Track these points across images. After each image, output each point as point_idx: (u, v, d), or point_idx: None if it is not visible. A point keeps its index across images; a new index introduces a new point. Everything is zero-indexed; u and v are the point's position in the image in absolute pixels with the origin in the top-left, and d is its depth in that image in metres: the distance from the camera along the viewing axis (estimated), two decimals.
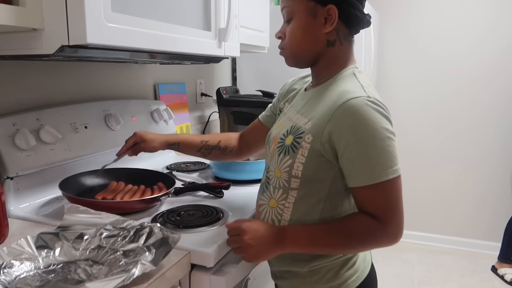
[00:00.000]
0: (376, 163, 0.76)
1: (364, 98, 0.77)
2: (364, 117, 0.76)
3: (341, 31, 0.86)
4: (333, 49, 0.87)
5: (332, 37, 0.86)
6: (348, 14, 0.84)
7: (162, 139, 1.12)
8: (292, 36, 0.88)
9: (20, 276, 0.69)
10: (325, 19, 0.84)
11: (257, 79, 2.28)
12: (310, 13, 0.85)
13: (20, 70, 1.10)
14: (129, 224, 0.80)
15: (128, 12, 0.88)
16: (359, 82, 0.83)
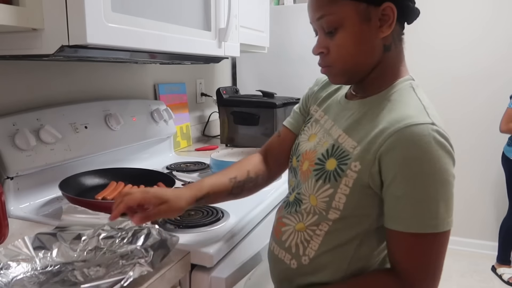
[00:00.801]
0: (426, 209, 0.64)
1: (429, 127, 0.64)
2: (424, 151, 0.63)
3: (395, 31, 0.72)
4: (388, 55, 0.73)
5: (388, 40, 0.72)
6: (404, 9, 0.70)
7: (188, 195, 0.77)
8: (343, 49, 0.71)
9: (17, 278, 0.69)
10: (379, 21, 0.69)
11: (257, 79, 2.28)
12: (363, 18, 0.69)
13: (20, 70, 1.10)
14: (127, 225, 0.80)
15: (128, 12, 0.88)
16: (420, 102, 0.69)
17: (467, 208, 2.88)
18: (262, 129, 1.71)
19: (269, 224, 1.08)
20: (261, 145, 1.02)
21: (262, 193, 1.16)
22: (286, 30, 2.15)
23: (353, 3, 0.68)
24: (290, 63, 2.19)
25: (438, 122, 0.66)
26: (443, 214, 0.64)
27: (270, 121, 1.69)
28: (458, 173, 2.36)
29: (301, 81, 2.20)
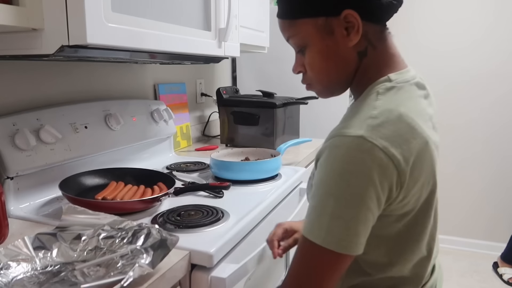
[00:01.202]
0: (314, 216, 0.62)
1: (350, 139, 0.60)
2: (331, 162, 0.61)
3: (370, 32, 0.68)
4: (367, 59, 0.69)
5: (362, 45, 0.68)
6: (371, 7, 0.66)
7: None
8: (314, 67, 0.71)
9: (17, 278, 0.69)
10: (346, 29, 0.66)
11: (257, 79, 2.28)
12: (324, 32, 0.67)
13: (20, 70, 1.10)
14: (127, 225, 0.80)
15: (128, 12, 0.88)
16: (371, 110, 0.64)
17: (468, 208, 2.89)
18: (262, 129, 1.71)
19: (269, 224, 1.08)
20: (261, 145, 1.00)
21: (262, 193, 1.16)
22: None
23: (311, 20, 0.67)
24: (290, 63, 2.18)
25: (378, 134, 0.60)
26: (325, 229, 0.60)
27: (270, 121, 1.69)
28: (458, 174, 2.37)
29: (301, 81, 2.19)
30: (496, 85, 2.70)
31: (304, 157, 1.60)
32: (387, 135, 0.61)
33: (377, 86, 0.68)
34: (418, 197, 0.66)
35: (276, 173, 1.32)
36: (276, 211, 1.15)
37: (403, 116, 0.63)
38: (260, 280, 1.08)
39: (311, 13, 0.67)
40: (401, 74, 0.70)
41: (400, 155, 0.60)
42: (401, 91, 0.67)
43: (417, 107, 0.67)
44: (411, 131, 0.63)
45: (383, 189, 0.61)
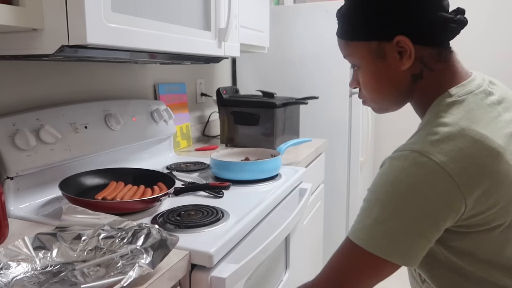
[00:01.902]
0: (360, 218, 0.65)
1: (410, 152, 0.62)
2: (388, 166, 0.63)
3: (426, 56, 0.68)
4: (422, 82, 0.70)
5: (417, 69, 0.69)
6: (425, 33, 0.66)
7: None
8: (367, 86, 0.74)
9: (17, 278, 0.69)
10: (399, 53, 0.68)
11: (257, 79, 2.28)
12: (377, 56, 0.69)
13: (20, 70, 1.10)
14: (127, 225, 0.80)
15: (128, 12, 0.88)
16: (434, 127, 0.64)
17: None
18: (262, 129, 1.71)
19: (269, 224, 1.08)
20: (261, 145, 1.01)
21: (262, 193, 1.16)
22: (286, 30, 2.15)
23: (365, 43, 0.69)
24: (290, 63, 2.19)
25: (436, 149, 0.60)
26: (367, 231, 0.63)
27: (270, 121, 1.69)
28: None
29: (301, 81, 2.20)
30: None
31: (304, 157, 1.60)
32: (446, 150, 0.60)
33: (438, 105, 0.68)
34: (505, 209, 0.63)
35: (276, 173, 1.32)
36: (276, 211, 1.15)
37: (465, 130, 0.62)
38: (260, 280, 1.08)
39: (364, 37, 0.70)
40: (462, 86, 0.68)
41: (460, 170, 0.59)
42: (464, 104, 0.66)
43: (485, 117, 0.65)
44: (475, 145, 0.61)
45: (438, 203, 0.60)
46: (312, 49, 2.14)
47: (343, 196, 2.22)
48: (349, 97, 2.13)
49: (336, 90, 2.13)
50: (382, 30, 0.68)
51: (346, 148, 2.16)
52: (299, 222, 1.40)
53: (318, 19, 2.10)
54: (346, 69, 2.09)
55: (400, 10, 0.66)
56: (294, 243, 1.37)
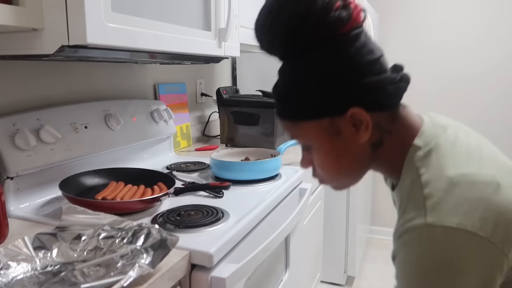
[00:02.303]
0: None
1: (421, 230, 0.54)
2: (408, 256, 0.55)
3: (381, 121, 0.63)
4: (383, 148, 0.64)
5: (375, 137, 0.64)
6: (378, 99, 0.61)
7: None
8: (325, 166, 0.66)
9: (17, 278, 0.69)
10: (355, 125, 0.62)
11: (257, 79, 2.28)
12: (330, 133, 0.63)
13: (20, 70, 1.10)
14: (127, 225, 0.80)
15: (128, 12, 0.88)
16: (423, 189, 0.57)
17: None
18: (262, 129, 1.71)
19: (269, 224, 1.08)
20: (261, 145, 1.00)
21: (262, 193, 1.16)
22: None
23: (314, 122, 0.62)
24: None
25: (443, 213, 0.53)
26: None
27: (270, 121, 1.69)
28: None
29: None
30: (500, 83, 2.70)
31: None
32: (452, 208, 0.53)
33: (411, 163, 0.61)
34: None
35: (276, 173, 1.32)
36: (276, 211, 1.15)
37: (454, 178, 0.56)
38: (260, 280, 1.08)
39: (313, 116, 0.62)
40: (423, 133, 0.63)
41: (479, 221, 0.52)
42: (436, 150, 0.60)
43: (461, 154, 0.59)
44: (474, 187, 0.55)
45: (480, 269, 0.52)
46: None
47: (343, 196, 2.22)
48: None
49: None
50: (333, 106, 0.61)
51: None
52: (299, 222, 1.40)
53: None
54: None
55: (348, 80, 0.60)
56: (294, 243, 1.37)
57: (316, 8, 0.59)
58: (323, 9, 0.59)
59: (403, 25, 2.85)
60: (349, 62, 0.60)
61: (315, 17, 0.59)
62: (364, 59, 0.60)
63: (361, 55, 0.60)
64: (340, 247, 2.28)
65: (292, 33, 0.61)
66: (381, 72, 0.61)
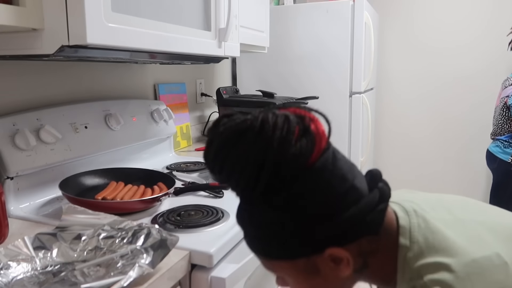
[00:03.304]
0: None
1: None
2: None
3: (363, 246, 0.56)
4: (371, 268, 0.59)
5: (358, 263, 0.57)
6: (358, 231, 0.54)
7: None
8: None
9: (17, 278, 0.69)
10: (334, 261, 0.55)
11: (257, 79, 2.28)
12: (308, 272, 0.56)
13: (20, 70, 1.10)
14: (127, 225, 0.80)
15: (128, 12, 0.88)
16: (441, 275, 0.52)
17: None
18: None
19: None
20: None
21: None
22: (286, 30, 2.15)
23: (289, 261, 0.55)
24: (290, 63, 2.19)
25: None
26: None
27: None
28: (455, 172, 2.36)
29: (301, 81, 2.20)
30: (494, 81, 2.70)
31: None
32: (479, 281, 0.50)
33: (406, 265, 0.56)
34: None
35: None
36: None
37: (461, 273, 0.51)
38: (260, 280, 1.08)
39: (288, 256, 0.55)
40: (404, 229, 0.57)
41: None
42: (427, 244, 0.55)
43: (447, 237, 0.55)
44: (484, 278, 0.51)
45: None
46: (312, 49, 2.14)
47: None
48: (349, 97, 2.13)
49: (336, 90, 2.13)
50: (308, 247, 0.54)
51: (346, 148, 2.16)
52: None
53: (318, 19, 2.10)
54: (346, 69, 2.10)
55: (322, 221, 0.53)
56: None
57: (273, 150, 0.50)
58: (280, 146, 0.50)
59: (402, 25, 2.85)
60: (321, 201, 0.52)
61: (273, 161, 0.51)
62: (336, 192, 0.53)
63: (332, 188, 0.52)
64: None
65: (249, 182, 0.52)
66: (357, 200, 0.54)
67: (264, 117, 0.52)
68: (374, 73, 2.71)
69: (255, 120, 0.53)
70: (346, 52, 2.08)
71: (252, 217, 0.56)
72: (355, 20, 2.06)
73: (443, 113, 2.85)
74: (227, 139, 0.54)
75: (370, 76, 2.29)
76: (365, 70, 2.18)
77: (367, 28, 2.14)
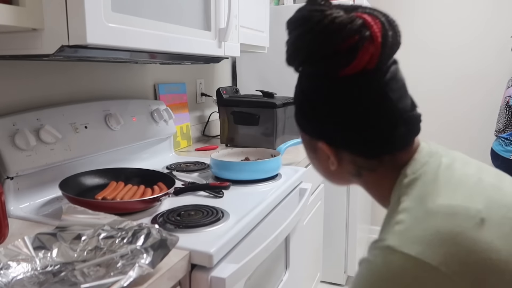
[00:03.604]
0: None
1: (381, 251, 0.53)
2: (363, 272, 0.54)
3: (359, 161, 0.62)
4: (365, 179, 0.65)
5: (352, 169, 0.64)
6: (349, 144, 0.60)
7: None
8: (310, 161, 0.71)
9: (17, 278, 0.69)
10: (325, 153, 0.64)
11: (257, 79, 2.28)
12: (311, 147, 0.67)
13: (20, 70, 1.10)
14: (127, 225, 0.80)
15: (128, 12, 0.88)
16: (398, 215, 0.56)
17: None
18: (262, 129, 1.71)
19: (269, 224, 1.08)
20: (261, 145, 1.00)
21: (262, 193, 1.16)
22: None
23: (302, 132, 0.67)
24: None
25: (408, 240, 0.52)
26: None
27: (270, 121, 1.69)
28: None
29: None
30: (493, 81, 2.70)
31: (304, 157, 1.60)
32: (418, 237, 0.52)
33: (397, 189, 0.60)
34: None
35: (276, 173, 1.32)
36: (276, 211, 1.15)
37: (433, 208, 0.54)
38: (260, 280, 1.08)
39: (298, 124, 0.67)
40: (415, 161, 0.61)
41: (444, 256, 0.50)
42: (422, 179, 0.58)
43: (450, 184, 0.57)
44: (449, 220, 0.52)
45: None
46: None
47: (343, 196, 2.22)
48: None
49: None
50: (308, 131, 0.65)
51: None
52: (299, 222, 1.40)
53: None
54: None
55: (325, 121, 0.61)
56: (294, 243, 1.37)
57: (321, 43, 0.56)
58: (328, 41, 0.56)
59: (402, 25, 2.85)
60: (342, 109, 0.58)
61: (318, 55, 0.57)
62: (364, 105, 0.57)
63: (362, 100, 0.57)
64: (340, 247, 2.28)
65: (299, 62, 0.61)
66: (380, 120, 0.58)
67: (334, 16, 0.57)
68: None
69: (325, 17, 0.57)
70: None
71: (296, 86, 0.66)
72: None
73: (444, 113, 2.85)
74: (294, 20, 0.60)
75: None
76: None
77: None
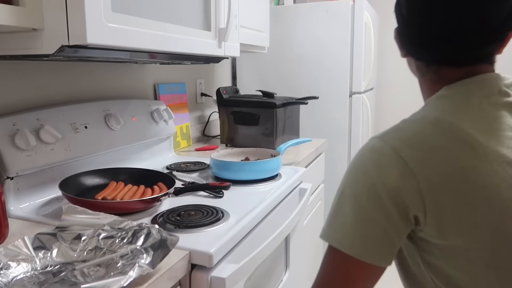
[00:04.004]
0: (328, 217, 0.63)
1: (371, 139, 0.62)
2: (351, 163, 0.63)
3: (412, 61, 0.71)
4: (419, 81, 0.71)
5: (414, 67, 0.71)
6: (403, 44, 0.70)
7: None
8: None
9: (17, 278, 0.69)
10: None
11: (257, 79, 2.28)
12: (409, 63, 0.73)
13: (20, 70, 1.10)
14: (127, 225, 0.80)
15: (128, 12, 0.88)
16: (410, 117, 0.63)
17: None
18: (262, 129, 1.71)
19: (269, 224, 1.08)
20: (261, 145, 1.00)
21: (262, 193, 1.16)
22: (286, 30, 2.15)
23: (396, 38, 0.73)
24: (290, 63, 2.19)
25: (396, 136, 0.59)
26: (329, 224, 0.62)
27: (270, 121, 1.69)
28: None
29: (301, 81, 2.20)
30: None
31: (304, 157, 1.60)
32: (406, 137, 0.58)
33: (430, 100, 0.65)
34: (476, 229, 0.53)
35: (276, 173, 1.32)
36: (276, 211, 1.15)
37: (439, 121, 0.57)
38: (260, 280, 1.08)
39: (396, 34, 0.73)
40: (461, 83, 0.62)
41: (419, 160, 0.54)
42: (452, 98, 0.60)
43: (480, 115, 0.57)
44: (448, 137, 0.55)
45: (390, 191, 0.56)
46: (312, 49, 2.14)
47: None
48: (349, 97, 2.13)
49: (336, 90, 2.13)
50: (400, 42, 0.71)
51: (346, 148, 2.16)
52: (299, 222, 1.40)
53: (318, 19, 2.10)
54: (346, 69, 2.10)
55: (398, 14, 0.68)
56: (294, 243, 1.37)
57: None
58: None
59: None
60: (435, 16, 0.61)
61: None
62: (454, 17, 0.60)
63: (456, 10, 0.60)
64: None
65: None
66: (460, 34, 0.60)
67: None
68: (374, 73, 2.71)
69: None
70: (346, 52, 2.08)
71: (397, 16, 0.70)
72: (355, 20, 2.06)
73: None
74: None
75: (370, 76, 2.29)
76: (365, 70, 2.18)
77: (367, 28, 2.14)
